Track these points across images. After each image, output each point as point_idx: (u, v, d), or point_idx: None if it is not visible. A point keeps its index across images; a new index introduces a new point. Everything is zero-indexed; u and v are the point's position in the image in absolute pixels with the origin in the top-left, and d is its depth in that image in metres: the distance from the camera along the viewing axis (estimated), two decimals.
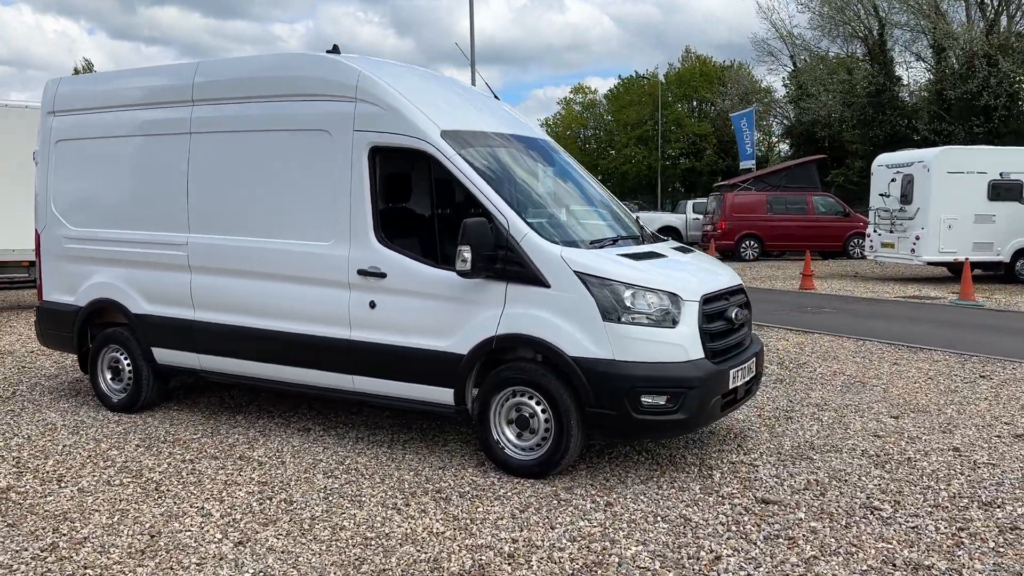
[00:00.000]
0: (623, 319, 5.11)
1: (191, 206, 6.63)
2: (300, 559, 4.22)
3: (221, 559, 4.22)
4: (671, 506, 4.87)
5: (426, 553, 4.26)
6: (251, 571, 4.09)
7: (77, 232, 7.29)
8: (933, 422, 6.61)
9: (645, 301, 5.16)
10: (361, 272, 5.78)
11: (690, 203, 29.13)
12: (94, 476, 5.43)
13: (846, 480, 5.31)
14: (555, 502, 4.93)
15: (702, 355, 5.28)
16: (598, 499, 4.96)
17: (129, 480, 5.36)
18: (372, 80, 5.83)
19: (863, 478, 5.33)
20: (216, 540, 4.44)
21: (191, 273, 6.61)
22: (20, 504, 4.96)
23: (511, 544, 4.36)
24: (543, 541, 4.38)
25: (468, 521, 4.66)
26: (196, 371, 6.77)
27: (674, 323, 5.20)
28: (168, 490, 5.18)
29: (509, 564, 4.13)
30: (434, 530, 4.55)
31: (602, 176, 59.98)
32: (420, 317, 5.66)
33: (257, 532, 4.54)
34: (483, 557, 4.22)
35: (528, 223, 5.36)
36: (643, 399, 5.08)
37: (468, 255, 5.18)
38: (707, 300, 5.41)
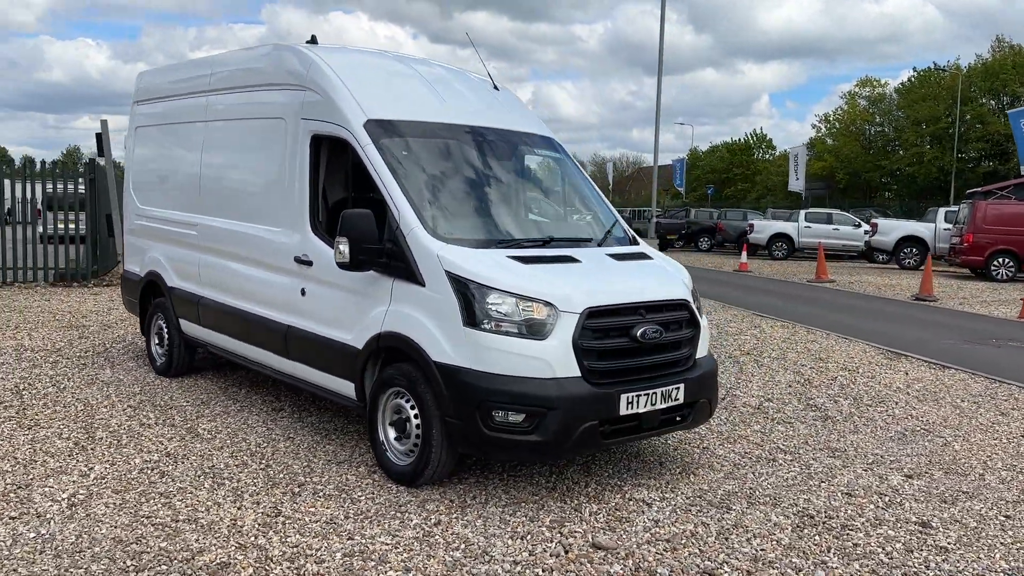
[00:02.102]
0: (483, 325, 4.68)
1: (201, 189, 7.16)
2: (97, 528, 4.39)
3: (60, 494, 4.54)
4: (495, 533, 4.39)
5: (197, 543, 4.23)
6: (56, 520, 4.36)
7: (141, 210, 8.17)
8: None
9: (511, 308, 4.68)
10: (296, 259, 5.86)
11: (942, 211, 25.74)
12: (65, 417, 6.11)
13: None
14: (392, 512, 4.66)
15: (577, 374, 4.68)
16: (432, 516, 4.59)
17: (81, 427, 5.94)
18: (319, 68, 5.86)
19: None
20: (71, 483, 4.78)
21: (199, 252, 7.14)
22: None
23: (292, 548, 4.21)
24: (324, 548, 4.17)
25: (284, 519, 4.57)
26: (204, 344, 7.29)
27: (543, 335, 4.67)
28: (101, 441, 5.65)
29: (254, 565, 3.98)
30: (237, 521, 4.51)
31: (887, 178, 54.67)
32: (332, 308, 5.62)
33: (100, 495, 4.79)
34: (239, 554, 4.09)
35: (423, 218, 5.09)
36: (495, 414, 4.62)
37: (345, 248, 5.04)
38: (595, 314, 4.77)
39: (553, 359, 4.64)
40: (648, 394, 4.90)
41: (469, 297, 4.71)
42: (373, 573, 3.94)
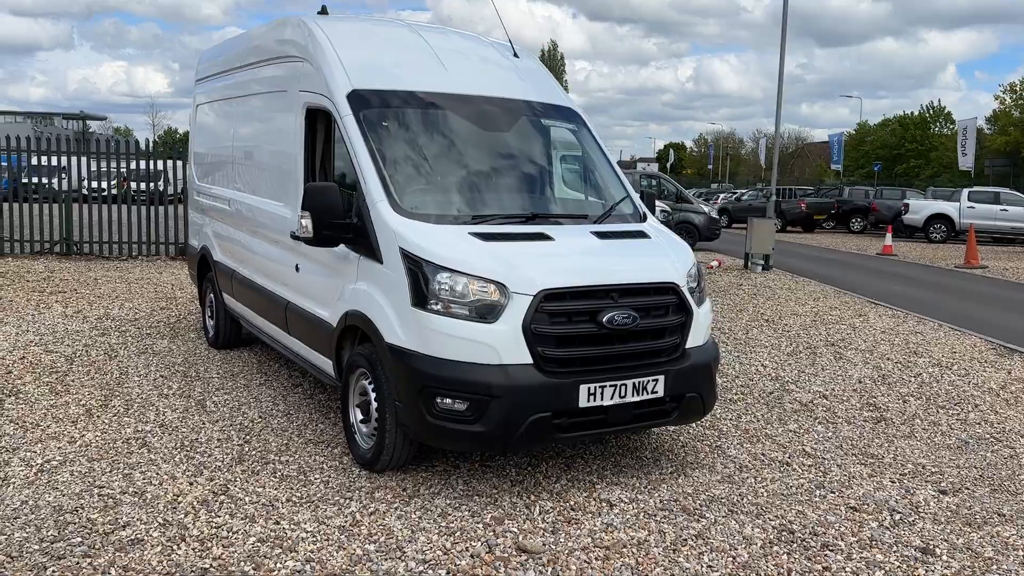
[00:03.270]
0: (432, 306, 4.38)
1: (233, 164, 7.24)
2: (46, 496, 4.47)
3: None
4: (425, 527, 4.09)
5: (127, 517, 4.20)
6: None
7: (197, 185, 8.42)
8: None
9: (462, 289, 4.35)
10: (291, 235, 5.78)
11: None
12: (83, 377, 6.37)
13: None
14: (336, 497, 4.48)
15: (527, 361, 4.30)
16: (372, 504, 4.36)
17: (101, 391, 6.16)
18: (315, 38, 5.70)
19: None
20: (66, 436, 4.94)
21: (233, 228, 7.24)
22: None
23: (212, 529, 4.11)
24: (243, 532, 4.04)
25: (226, 498, 4.49)
26: (239, 318, 7.41)
27: (492, 319, 4.31)
28: (110, 409, 5.84)
29: (164, 543, 3.90)
30: (179, 497, 4.46)
31: None
32: (316, 284, 5.50)
33: (73, 462, 4.89)
34: (157, 531, 4.03)
35: (391, 192, 4.83)
36: (438, 401, 4.33)
37: (308, 222, 4.87)
38: (553, 296, 4.36)
39: (500, 344, 4.28)
40: (616, 386, 4.45)
41: (419, 276, 4.43)
42: (274, 562, 3.77)
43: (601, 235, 4.99)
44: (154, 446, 5.25)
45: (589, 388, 4.37)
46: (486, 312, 4.32)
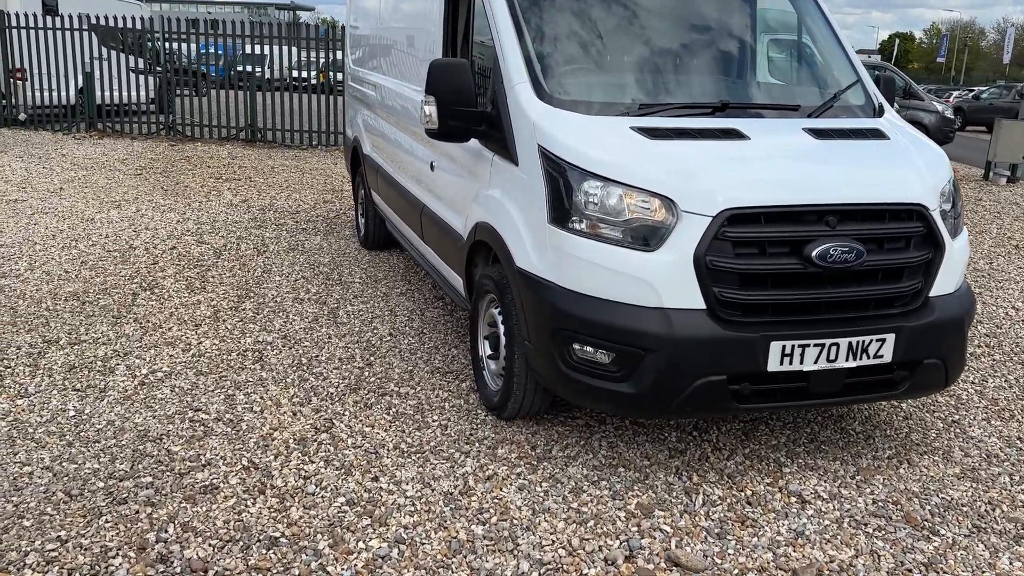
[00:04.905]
0: (572, 224, 3.33)
1: (380, 45, 6.37)
2: (136, 417, 3.98)
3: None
4: (550, 507, 3.17)
5: (209, 454, 3.60)
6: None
7: (351, 70, 7.66)
8: None
9: (611, 202, 3.26)
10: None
11: None
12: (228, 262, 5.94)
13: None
14: (450, 451, 3.65)
15: (698, 305, 3.18)
16: (491, 466, 3.49)
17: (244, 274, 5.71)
18: None
19: None
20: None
21: (379, 117, 6.44)
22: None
23: (299, 480, 3.41)
24: (332, 489, 3.32)
25: (326, 437, 3.78)
26: (385, 219, 6.70)
27: (653, 245, 3.20)
28: (239, 313, 5.35)
29: (240, 495, 3.25)
30: (276, 432, 3.81)
31: None
32: (449, 187, 4.59)
33: (179, 375, 4.40)
34: (236, 477, 3.39)
35: (534, 72, 3.75)
36: (575, 348, 3.33)
37: (431, 109, 3.91)
38: (741, 218, 3.17)
39: (662, 281, 3.18)
40: (823, 345, 3.24)
41: (561, 184, 3.38)
42: (356, 539, 3.01)
43: (817, 133, 3.67)
44: (269, 362, 4.66)
45: (784, 347, 3.19)
46: (646, 236, 3.22)
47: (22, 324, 5.14)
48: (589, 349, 3.29)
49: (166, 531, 3.01)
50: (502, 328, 3.89)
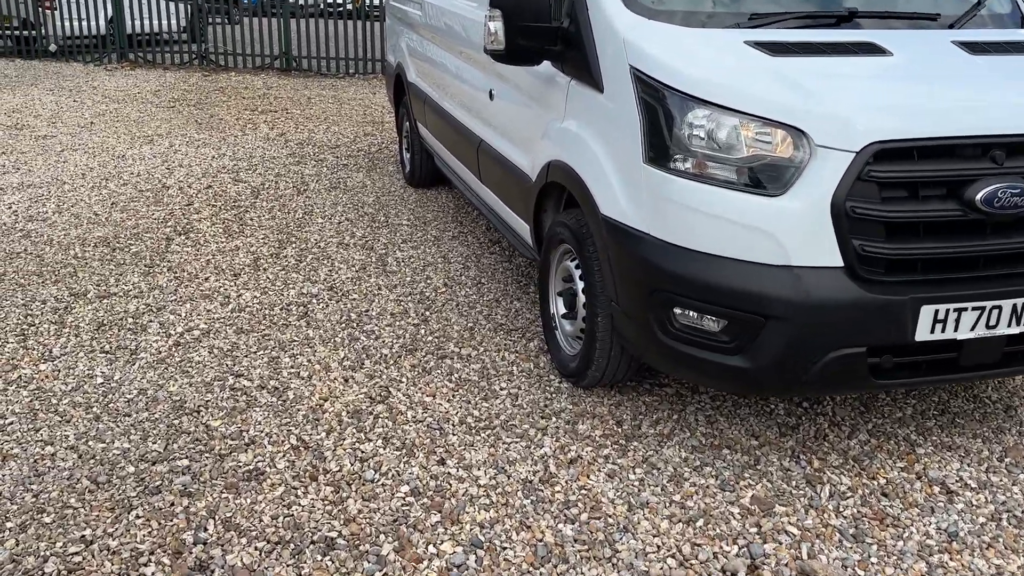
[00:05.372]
0: (674, 163, 2.76)
1: None
2: (171, 384, 3.57)
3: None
4: (648, 500, 2.70)
5: (253, 431, 3.18)
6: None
7: None
8: None
9: (724, 135, 2.68)
10: (485, 49, 4.25)
11: None
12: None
13: None
14: (524, 426, 3.18)
15: (835, 263, 2.61)
16: (574, 446, 3.02)
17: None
18: None
19: None
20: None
21: (425, 39, 5.82)
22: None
23: (356, 463, 2.97)
24: (395, 476, 2.88)
25: (384, 409, 3.33)
26: (433, 154, 6.14)
27: (778, 189, 2.62)
28: (280, 260, 4.90)
29: (289, 482, 2.82)
30: (327, 403, 3.36)
31: None
32: (512, 118, 4.01)
33: (217, 334, 3.97)
34: (285, 459, 2.97)
35: None
36: (676, 313, 2.79)
37: (497, 26, 3.31)
38: (890, 153, 2.56)
39: (789, 233, 2.61)
40: (983, 309, 2.67)
41: (660, 113, 2.79)
42: (426, 543, 2.56)
43: (970, 47, 3.01)
44: (316, 318, 4.20)
45: (937, 311, 2.63)
46: (769, 178, 2.64)
47: (48, 274, 4.74)
48: (694, 315, 2.76)
49: (205, 529, 2.60)
50: (580, 285, 3.37)
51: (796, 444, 3.10)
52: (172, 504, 2.72)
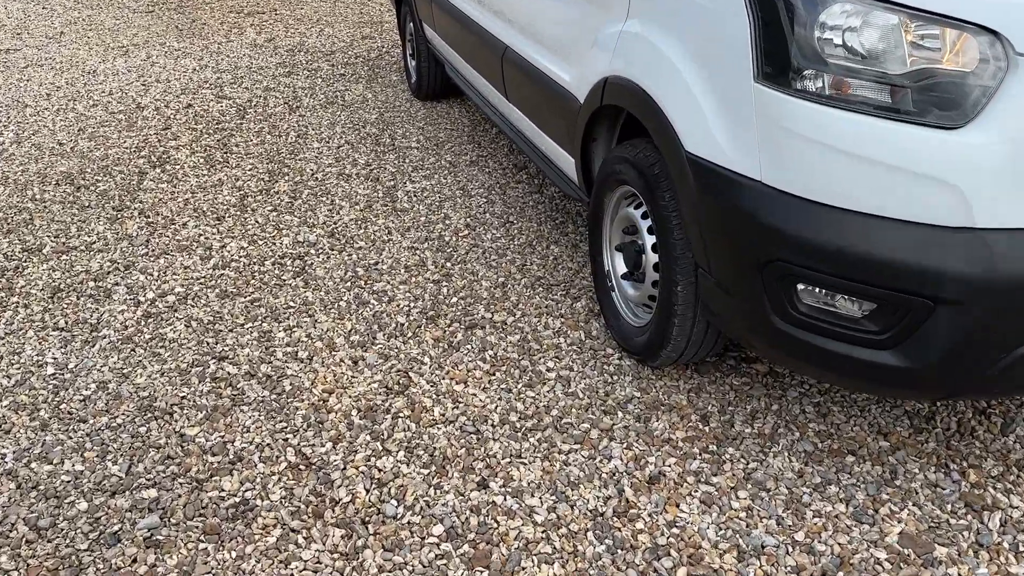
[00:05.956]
0: (803, 81, 1.95)
1: None
2: (136, 375, 2.89)
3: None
4: (770, 541, 2.04)
5: (235, 445, 2.51)
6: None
7: None
8: None
9: (874, 40, 1.87)
10: None
11: None
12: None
13: None
14: (583, 423, 2.50)
15: None
16: (652, 453, 2.34)
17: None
18: None
19: None
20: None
21: None
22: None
23: (370, 486, 2.31)
24: (423, 502, 2.22)
25: (404, 400, 2.64)
26: (443, 63, 5.26)
27: (958, 117, 1.83)
28: (271, 200, 4.14)
29: (291, 503, 2.17)
30: (328, 402, 2.68)
31: None
32: (551, 21, 3.16)
33: (196, 299, 3.27)
34: (279, 483, 2.31)
35: None
36: (800, 290, 2.05)
37: None
38: None
39: (976, 181, 1.83)
40: None
41: (780, 7, 1.97)
42: None
43: None
44: (315, 274, 3.48)
45: None
46: (943, 101, 1.84)
47: None
48: (826, 294, 2.02)
49: None
50: (649, 240, 2.61)
51: (938, 445, 2.41)
52: (135, 561, 2.06)
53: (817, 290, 2.02)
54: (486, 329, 3.04)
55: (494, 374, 2.78)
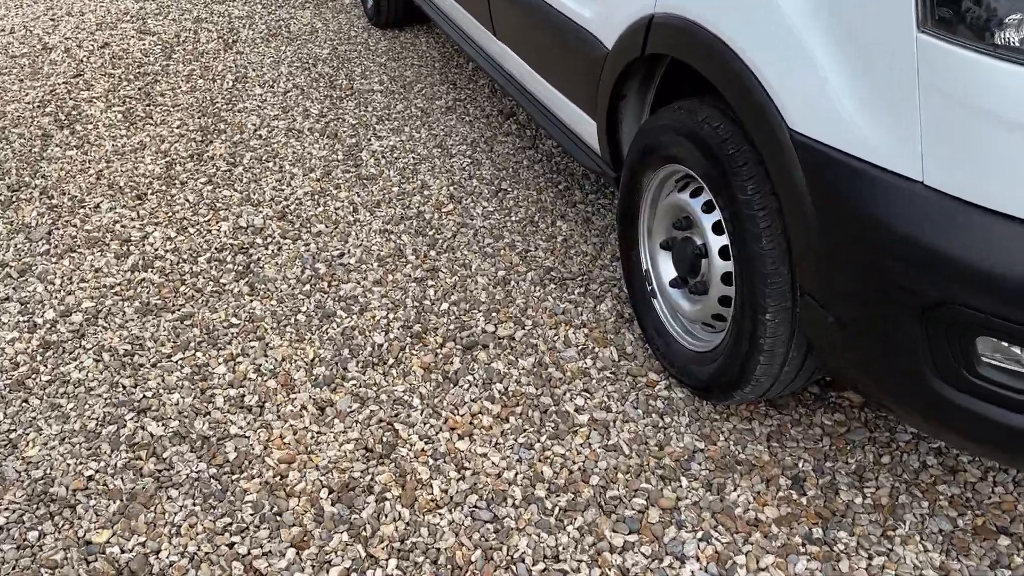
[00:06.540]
0: (1005, 30, 1.24)
1: None
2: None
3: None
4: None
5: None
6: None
7: None
8: None
9: None
10: None
11: None
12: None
13: None
14: (642, 500, 1.85)
15: None
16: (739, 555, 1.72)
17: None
18: None
19: None
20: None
21: None
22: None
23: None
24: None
25: (375, 448, 1.98)
26: None
27: None
28: (214, 161, 3.35)
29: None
30: (294, 434, 2.00)
31: None
32: None
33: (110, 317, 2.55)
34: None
35: None
36: (980, 346, 1.38)
37: None
38: None
39: None
40: None
41: None
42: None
43: None
44: (263, 275, 2.73)
45: None
46: None
47: None
48: (1020, 352, 1.35)
49: None
50: (715, 241, 1.91)
51: None
52: None
53: (1010, 347, 1.36)
54: (490, 349, 2.35)
55: (507, 420, 2.10)
